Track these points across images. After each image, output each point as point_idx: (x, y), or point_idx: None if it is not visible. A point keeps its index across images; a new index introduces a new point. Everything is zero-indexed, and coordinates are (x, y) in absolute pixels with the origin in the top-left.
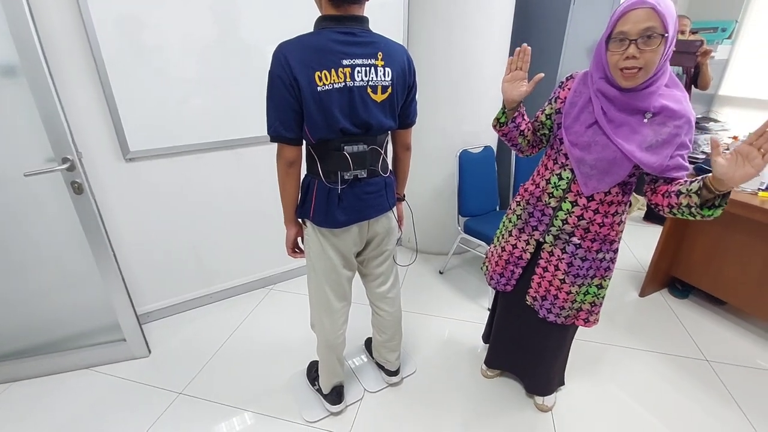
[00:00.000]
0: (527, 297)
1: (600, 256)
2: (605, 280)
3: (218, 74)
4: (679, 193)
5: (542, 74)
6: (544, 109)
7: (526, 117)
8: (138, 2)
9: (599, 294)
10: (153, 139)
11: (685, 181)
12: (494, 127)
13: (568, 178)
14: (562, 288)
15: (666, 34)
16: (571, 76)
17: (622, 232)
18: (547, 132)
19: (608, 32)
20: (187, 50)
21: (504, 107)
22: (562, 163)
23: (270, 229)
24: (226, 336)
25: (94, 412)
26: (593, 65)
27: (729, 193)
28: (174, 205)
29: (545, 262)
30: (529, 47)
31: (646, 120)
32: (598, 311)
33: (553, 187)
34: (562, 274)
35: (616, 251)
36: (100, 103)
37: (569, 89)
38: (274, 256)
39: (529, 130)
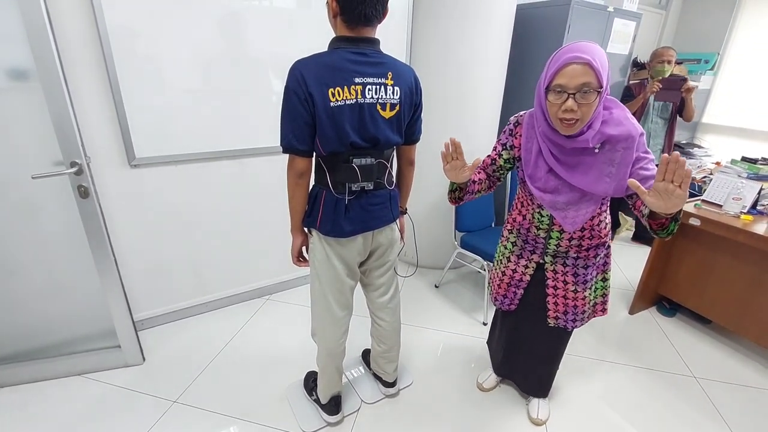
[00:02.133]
0: (548, 319)
1: (598, 258)
2: (607, 273)
3: (224, 86)
4: (642, 216)
5: (480, 158)
6: (501, 154)
7: (475, 177)
8: (150, 14)
9: (606, 286)
10: (159, 147)
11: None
12: (451, 201)
13: (548, 214)
14: (578, 297)
15: (600, 90)
16: (518, 122)
17: (609, 230)
18: (504, 173)
19: (547, 83)
20: (194, 62)
21: (454, 184)
22: (537, 202)
23: (268, 239)
24: (222, 345)
25: (85, 421)
26: (536, 109)
27: (680, 210)
28: (175, 212)
29: (553, 280)
30: (459, 141)
31: (597, 151)
32: (608, 299)
33: (538, 221)
34: (573, 285)
35: (608, 247)
36: (110, 109)
37: (521, 136)
38: (271, 266)
39: (483, 182)
